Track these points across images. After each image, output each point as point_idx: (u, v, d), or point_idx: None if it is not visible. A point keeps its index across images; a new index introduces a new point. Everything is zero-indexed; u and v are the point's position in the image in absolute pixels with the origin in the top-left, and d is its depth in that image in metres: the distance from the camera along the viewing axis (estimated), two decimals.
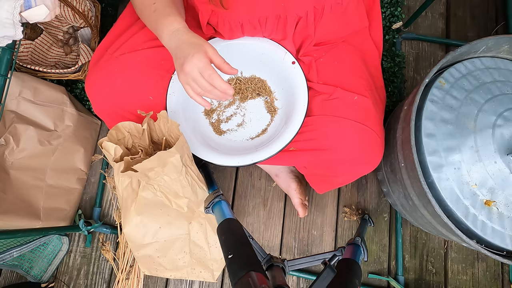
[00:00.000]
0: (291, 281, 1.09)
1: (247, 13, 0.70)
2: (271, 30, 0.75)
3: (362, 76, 0.77)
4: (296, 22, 0.72)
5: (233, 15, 0.70)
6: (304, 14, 0.70)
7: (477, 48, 0.79)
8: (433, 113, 0.76)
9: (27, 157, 0.93)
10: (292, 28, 0.73)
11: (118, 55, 0.73)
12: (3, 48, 0.60)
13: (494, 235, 0.71)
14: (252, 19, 0.71)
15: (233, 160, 0.72)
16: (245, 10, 0.69)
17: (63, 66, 1.11)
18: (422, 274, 1.11)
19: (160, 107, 0.76)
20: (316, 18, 0.72)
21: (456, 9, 1.33)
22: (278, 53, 0.77)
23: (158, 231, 0.80)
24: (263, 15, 0.70)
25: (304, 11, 0.70)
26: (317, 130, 0.72)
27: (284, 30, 0.74)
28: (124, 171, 0.66)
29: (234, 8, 0.68)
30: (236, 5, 0.67)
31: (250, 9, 0.69)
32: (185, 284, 1.08)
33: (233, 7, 0.68)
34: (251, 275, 0.45)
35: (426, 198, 0.70)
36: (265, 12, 0.70)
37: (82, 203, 1.12)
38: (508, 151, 0.71)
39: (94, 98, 0.73)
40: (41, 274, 1.03)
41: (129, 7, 0.82)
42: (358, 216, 1.12)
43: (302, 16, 0.71)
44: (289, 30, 0.74)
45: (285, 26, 0.73)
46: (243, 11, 0.69)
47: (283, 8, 0.69)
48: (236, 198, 1.14)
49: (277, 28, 0.74)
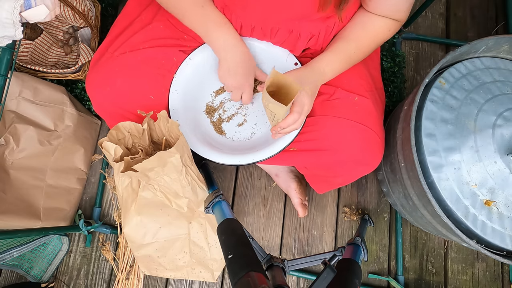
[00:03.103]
0: (291, 281, 1.09)
1: (262, 19, 0.70)
2: (281, 41, 0.75)
3: (362, 77, 0.77)
4: (308, 39, 0.73)
5: (247, 17, 0.70)
6: (317, 32, 0.71)
7: (477, 48, 0.79)
8: (433, 113, 0.76)
9: (27, 157, 0.93)
10: (304, 45, 0.75)
11: (118, 54, 0.72)
12: (3, 48, 0.60)
13: (494, 235, 0.71)
14: (264, 26, 0.72)
15: (234, 159, 0.72)
16: (260, 15, 0.69)
17: (63, 66, 1.11)
18: (422, 274, 1.11)
19: (160, 106, 0.76)
20: (326, 35, 0.73)
21: (456, 9, 1.33)
22: (280, 54, 0.78)
23: (158, 231, 0.80)
24: (276, 26, 0.71)
25: (318, 30, 0.71)
26: (318, 130, 0.72)
27: (295, 44, 0.75)
28: (124, 171, 0.66)
29: (250, 10, 0.68)
30: (253, 7, 0.67)
31: (266, 16, 0.69)
32: (185, 284, 1.08)
33: (250, 9, 0.68)
34: (251, 275, 0.45)
35: (426, 198, 0.70)
36: (279, 24, 0.71)
37: (82, 203, 1.12)
38: (508, 151, 0.71)
39: (95, 98, 0.73)
40: (41, 274, 1.03)
41: (130, 4, 0.82)
42: (358, 216, 1.12)
43: (315, 34, 0.72)
44: (300, 46, 0.75)
45: (297, 41, 0.74)
46: (258, 15, 0.69)
47: (298, 25, 0.70)
48: (236, 198, 1.14)
49: (287, 41, 0.75)
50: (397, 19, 0.70)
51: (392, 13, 0.68)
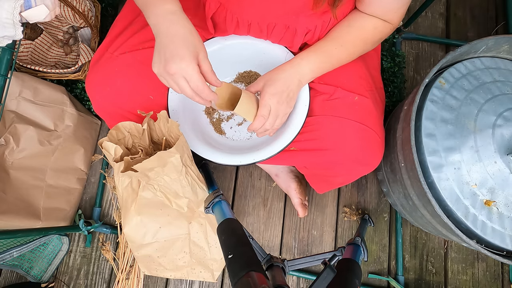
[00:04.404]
0: (291, 281, 1.09)
1: (258, 15, 0.70)
2: (277, 37, 0.75)
3: (363, 77, 0.77)
4: (305, 34, 0.73)
5: (243, 13, 0.70)
6: (313, 27, 0.71)
7: (477, 48, 0.79)
8: (433, 113, 0.76)
9: (27, 157, 0.93)
10: (301, 40, 0.74)
11: (118, 55, 0.72)
12: (3, 48, 0.60)
13: (494, 235, 0.71)
14: (261, 22, 0.72)
15: (235, 159, 0.72)
16: (257, 11, 0.69)
17: (63, 66, 1.11)
18: (422, 274, 1.11)
19: (160, 106, 0.76)
20: (322, 30, 0.72)
21: (456, 9, 1.33)
22: (279, 53, 0.78)
23: (158, 231, 0.80)
24: (273, 21, 0.71)
25: (314, 25, 0.70)
26: (318, 130, 0.72)
27: (292, 40, 0.75)
28: (124, 171, 0.66)
29: (246, 5, 0.68)
30: (250, 3, 0.67)
31: (262, 11, 0.69)
32: (185, 284, 1.08)
33: (245, 4, 0.67)
34: (251, 275, 0.45)
35: (426, 198, 0.70)
36: (275, 19, 0.70)
37: (82, 203, 1.12)
38: (508, 151, 0.71)
39: (95, 98, 0.73)
40: (41, 274, 1.03)
41: (129, 3, 0.82)
42: (358, 216, 1.12)
43: (311, 29, 0.71)
44: (297, 41, 0.74)
45: (294, 37, 0.74)
46: (254, 11, 0.69)
47: (295, 21, 0.69)
48: (236, 198, 1.14)
49: (284, 37, 0.75)
50: (387, 20, 0.69)
51: (382, 13, 0.68)
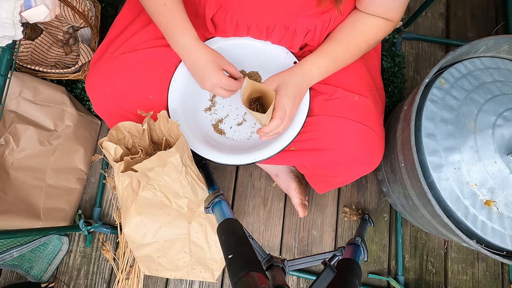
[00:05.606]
0: (291, 281, 1.09)
1: (257, 17, 0.70)
2: (277, 38, 0.75)
3: (363, 77, 0.77)
4: (305, 34, 0.73)
5: (243, 15, 0.70)
6: (313, 27, 0.71)
7: (477, 48, 0.79)
8: (433, 113, 0.76)
9: (27, 157, 0.93)
10: (301, 40, 0.74)
11: (118, 54, 0.72)
12: (3, 48, 0.60)
13: (494, 235, 0.71)
14: (260, 24, 0.72)
15: (235, 159, 0.72)
16: (256, 13, 0.69)
17: (63, 66, 1.11)
18: (422, 274, 1.11)
19: (160, 106, 0.76)
20: (322, 30, 0.72)
21: (456, 9, 1.33)
22: (279, 53, 0.78)
23: (158, 231, 0.80)
24: (272, 23, 0.71)
25: (313, 25, 0.71)
26: (318, 130, 0.72)
27: (292, 41, 0.75)
28: (124, 171, 0.66)
29: (246, 8, 0.68)
30: (249, 5, 0.67)
31: (262, 12, 0.69)
32: (185, 284, 1.08)
33: (244, 6, 0.68)
34: (251, 275, 0.45)
35: (426, 198, 0.70)
36: (275, 20, 0.70)
37: (82, 203, 1.12)
38: (508, 151, 0.71)
39: (94, 97, 0.73)
40: (41, 274, 1.03)
41: (129, 3, 0.82)
42: (358, 216, 1.12)
43: (311, 29, 0.71)
44: (297, 42, 0.75)
45: (294, 37, 0.74)
46: (254, 13, 0.69)
47: (294, 21, 0.69)
48: (236, 198, 1.14)
49: (284, 38, 0.75)
50: (388, 19, 0.69)
51: (383, 12, 0.68)
